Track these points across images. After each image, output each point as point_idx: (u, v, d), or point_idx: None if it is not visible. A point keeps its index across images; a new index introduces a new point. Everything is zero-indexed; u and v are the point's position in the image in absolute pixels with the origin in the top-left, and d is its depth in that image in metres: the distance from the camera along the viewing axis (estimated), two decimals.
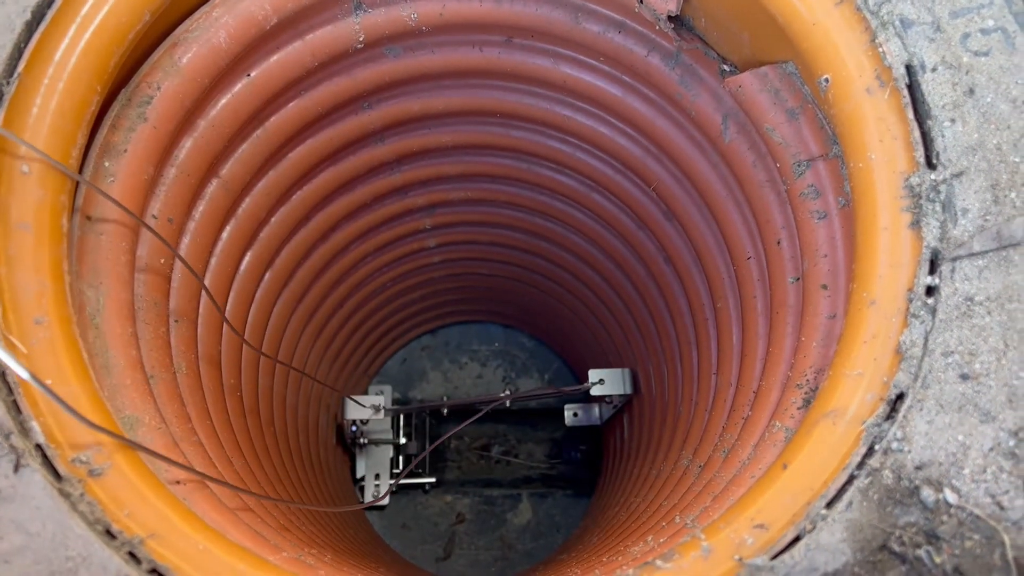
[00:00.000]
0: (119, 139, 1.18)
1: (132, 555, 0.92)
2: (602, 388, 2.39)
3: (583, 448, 3.39)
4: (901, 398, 0.97)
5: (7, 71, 0.99)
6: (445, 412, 3.00)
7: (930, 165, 1.03)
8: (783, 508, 0.96)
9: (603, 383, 2.40)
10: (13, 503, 0.91)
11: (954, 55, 1.06)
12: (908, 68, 1.06)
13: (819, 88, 1.13)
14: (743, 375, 1.50)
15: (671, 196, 1.84)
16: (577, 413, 2.97)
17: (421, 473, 3.23)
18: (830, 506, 0.94)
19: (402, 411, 3.06)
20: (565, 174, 2.11)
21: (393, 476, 3.08)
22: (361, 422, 2.60)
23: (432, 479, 3.22)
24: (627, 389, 2.41)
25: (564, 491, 3.30)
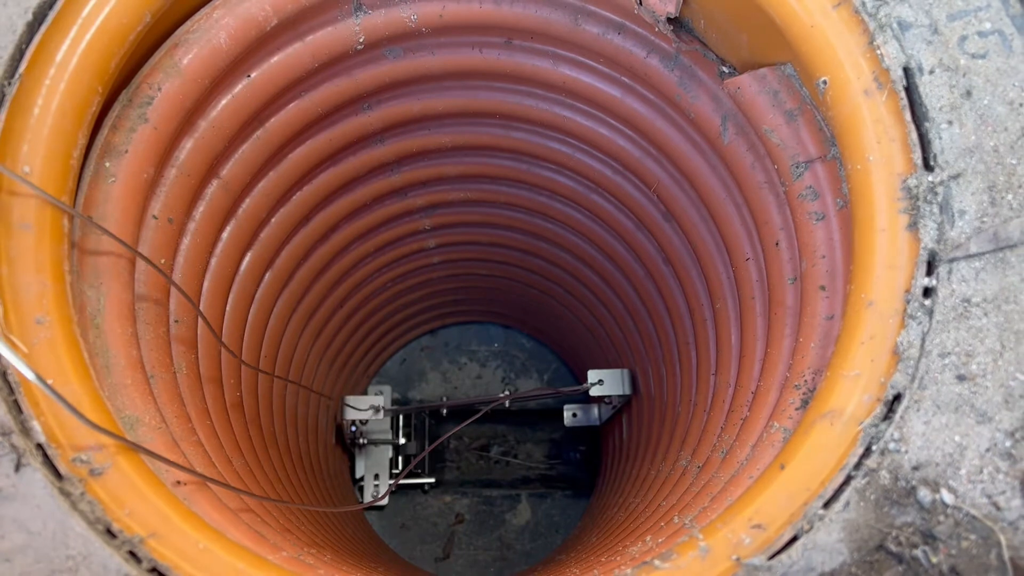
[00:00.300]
0: (120, 140, 1.18)
1: (132, 554, 0.93)
2: (601, 389, 2.40)
3: (582, 448, 3.39)
4: (898, 399, 0.97)
5: (9, 72, 1.00)
6: (444, 412, 3.01)
7: (927, 167, 1.03)
8: (780, 508, 0.96)
9: (602, 384, 2.40)
10: (14, 502, 0.92)
11: (951, 57, 1.06)
12: (906, 70, 1.06)
13: (817, 90, 1.13)
14: (741, 376, 1.50)
15: (670, 197, 1.84)
16: (576, 414, 2.97)
17: (420, 473, 3.23)
18: (827, 506, 0.95)
19: (401, 411, 3.06)
20: (564, 175, 2.12)
21: (392, 476, 3.08)
22: (360, 422, 2.61)
23: (431, 479, 3.23)
24: (626, 390, 2.41)
25: (563, 491, 3.30)
